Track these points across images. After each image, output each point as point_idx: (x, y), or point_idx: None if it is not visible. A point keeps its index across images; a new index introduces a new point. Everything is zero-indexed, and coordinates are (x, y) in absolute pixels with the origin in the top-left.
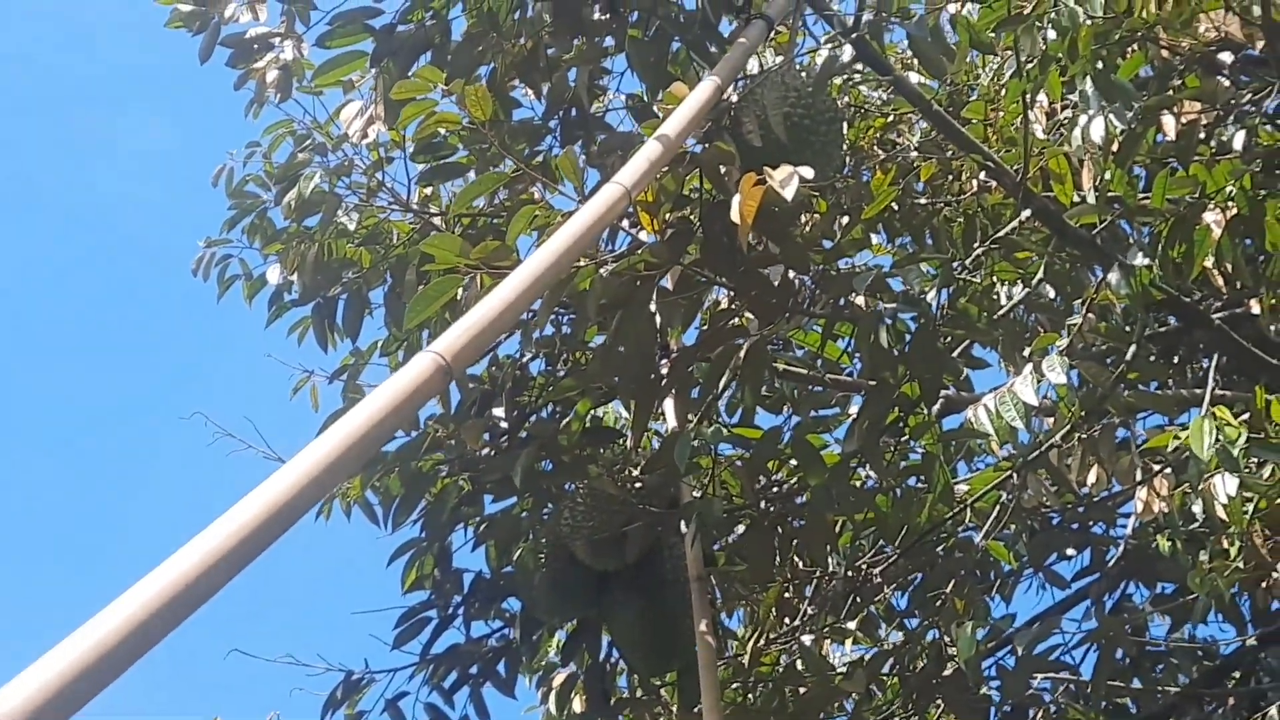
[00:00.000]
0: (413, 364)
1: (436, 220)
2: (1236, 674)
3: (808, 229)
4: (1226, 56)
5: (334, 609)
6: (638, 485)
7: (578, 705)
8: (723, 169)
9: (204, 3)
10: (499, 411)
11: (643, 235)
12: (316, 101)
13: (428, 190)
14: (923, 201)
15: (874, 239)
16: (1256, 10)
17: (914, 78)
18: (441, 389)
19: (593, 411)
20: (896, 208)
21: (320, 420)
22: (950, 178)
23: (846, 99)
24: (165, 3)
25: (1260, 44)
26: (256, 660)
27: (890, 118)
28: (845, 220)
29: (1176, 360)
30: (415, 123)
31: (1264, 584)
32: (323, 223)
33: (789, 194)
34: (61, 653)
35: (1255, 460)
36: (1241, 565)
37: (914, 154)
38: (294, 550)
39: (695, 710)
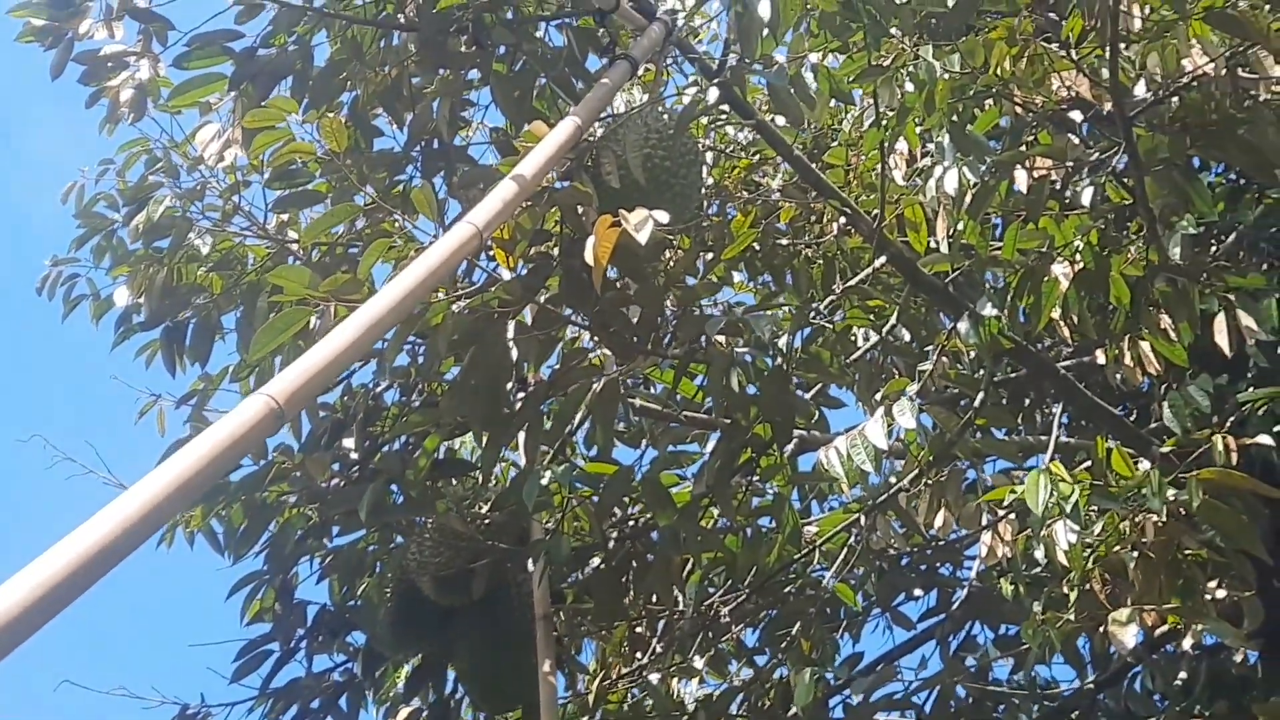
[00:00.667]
0: (245, 405)
1: (293, 246)
2: (1075, 715)
3: (670, 265)
4: (1077, 115)
5: (171, 640)
6: (486, 521)
7: None
8: (580, 210)
9: (59, 19)
10: (349, 442)
11: (501, 272)
12: (174, 121)
13: (285, 216)
14: (784, 242)
15: (736, 276)
16: (1105, 73)
17: (779, 120)
18: (272, 431)
19: (446, 444)
20: (758, 247)
21: (166, 445)
22: (812, 220)
23: (712, 138)
24: (19, 16)
25: (1108, 105)
26: (89, 692)
27: (755, 158)
28: (709, 257)
29: (1026, 406)
30: (267, 151)
31: (1101, 629)
32: (172, 247)
33: (643, 238)
34: None
35: (1094, 509)
36: (1074, 617)
37: (777, 195)
38: (130, 579)
39: None
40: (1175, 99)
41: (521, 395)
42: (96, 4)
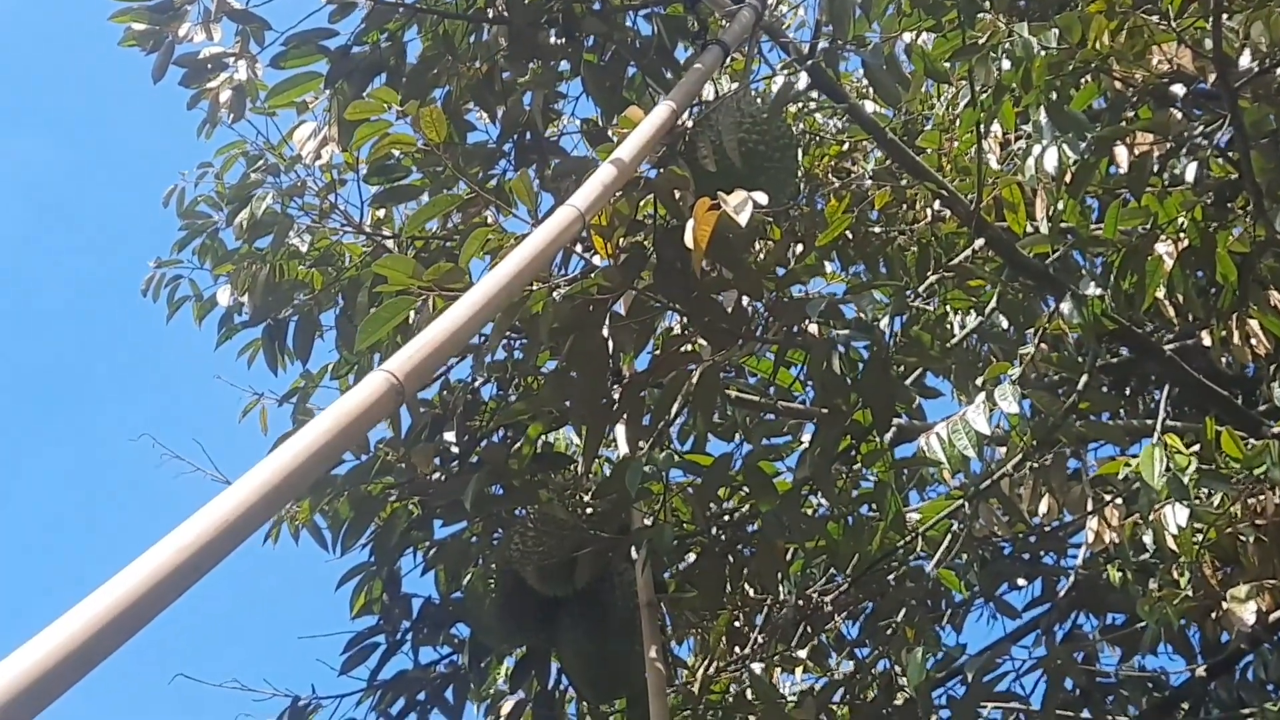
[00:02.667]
0: (365, 383)
1: (389, 243)
2: (1185, 705)
3: (761, 256)
4: (1179, 89)
5: (281, 634)
6: (588, 511)
7: None
8: (677, 194)
9: (158, 22)
10: (450, 436)
11: (595, 259)
12: (269, 122)
13: (380, 213)
14: (877, 230)
15: (828, 266)
16: (1208, 44)
17: (869, 106)
18: (393, 409)
19: (544, 436)
20: (850, 235)
21: (269, 443)
22: (904, 206)
23: (802, 126)
24: (120, 21)
25: (1212, 77)
26: (202, 685)
27: (845, 145)
28: (799, 247)
29: (1128, 391)
30: (369, 144)
31: (1213, 615)
32: (274, 244)
33: (743, 220)
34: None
35: (1205, 491)
36: (1191, 595)
37: (868, 182)
38: (241, 574)
39: None
40: None
41: (617, 385)
42: (195, 7)
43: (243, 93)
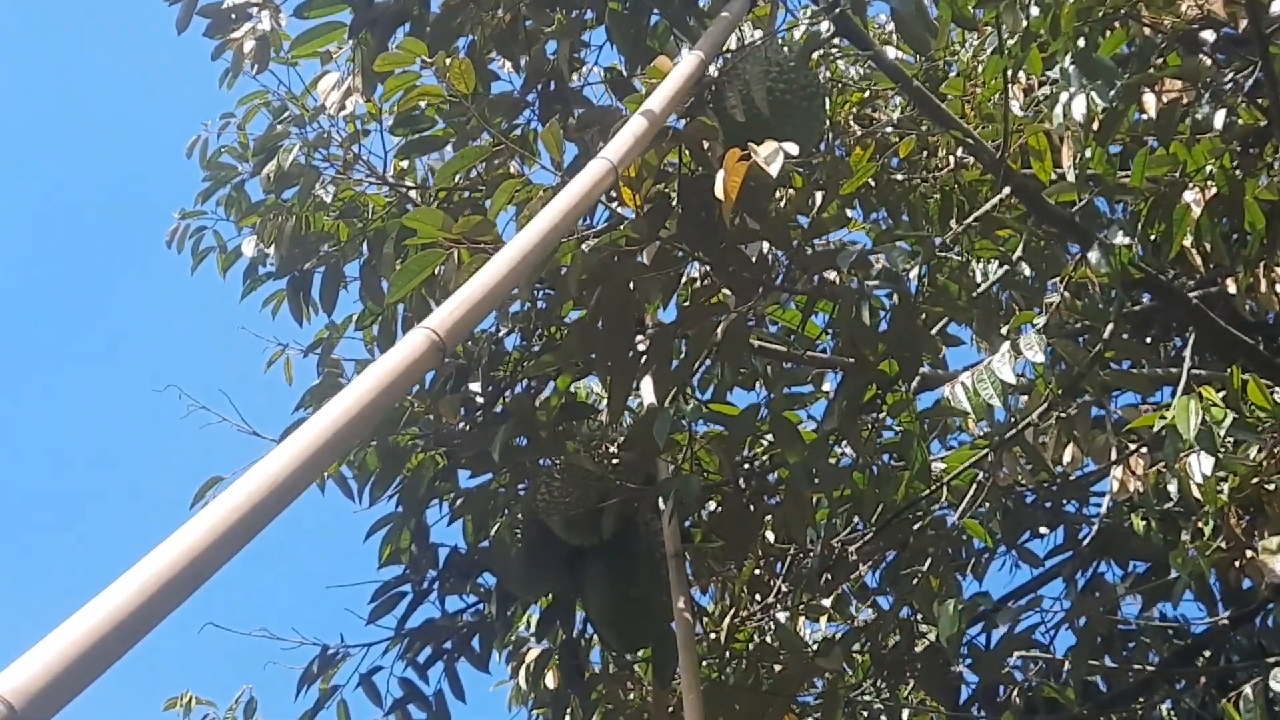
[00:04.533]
0: (406, 341)
1: (413, 194)
2: (1207, 653)
3: (783, 205)
4: (1208, 35)
5: (309, 583)
6: (614, 461)
7: (550, 681)
8: (705, 144)
9: None
10: (475, 386)
11: (622, 210)
12: (292, 73)
13: (403, 164)
14: (899, 178)
15: (850, 215)
16: None
17: (892, 53)
18: (436, 365)
19: (569, 387)
20: (873, 183)
21: (295, 394)
22: (927, 154)
23: (825, 73)
24: None
25: (1242, 22)
26: (231, 634)
27: (867, 93)
28: (821, 196)
29: (1151, 339)
30: (396, 96)
31: (1236, 564)
32: (300, 195)
33: (774, 170)
34: (71, 629)
35: (1230, 440)
36: (1224, 546)
37: (891, 130)
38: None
39: (669, 686)
40: None
41: (644, 336)
42: None
43: (266, 43)
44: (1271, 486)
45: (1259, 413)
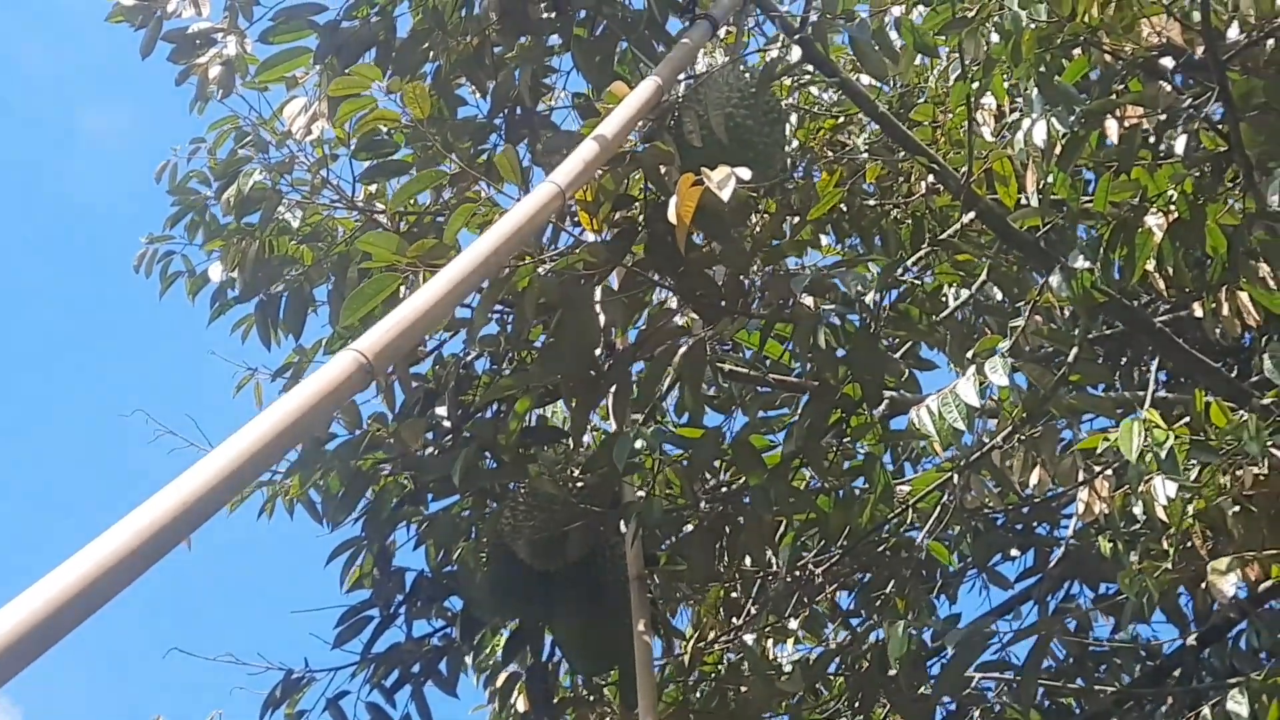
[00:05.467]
0: (334, 362)
1: (381, 218)
2: (1177, 673)
3: (757, 230)
4: (1168, 62)
5: (275, 608)
6: (579, 485)
7: (521, 705)
8: (663, 169)
9: None
10: (442, 410)
11: (587, 235)
12: (262, 98)
13: (373, 188)
14: (871, 203)
15: (824, 240)
16: (1196, 16)
17: (864, 80)
18: (362, 387)
19: (536, 411)
20: (845, 209)
21: None
22: (899, 179)
23: (795, 99)
24: None
25: (1200, 49)
26: (197, 659)
27: (840, 119)
28: (795, 221)
29: (1122, 363)
30: (353, 120)
31: (1204, 585)
32: (264, 219)
33: (726, 195)
34: None
35: (1194, 463)
36: (1170, 566)
37: (863, 155)
38: (234, 549)
39: (636, 710)
40: (1270, 41)
41: (609, 359)
42: None
43: (231, 68)
44: (1235, 509)
45: (1223, 436)
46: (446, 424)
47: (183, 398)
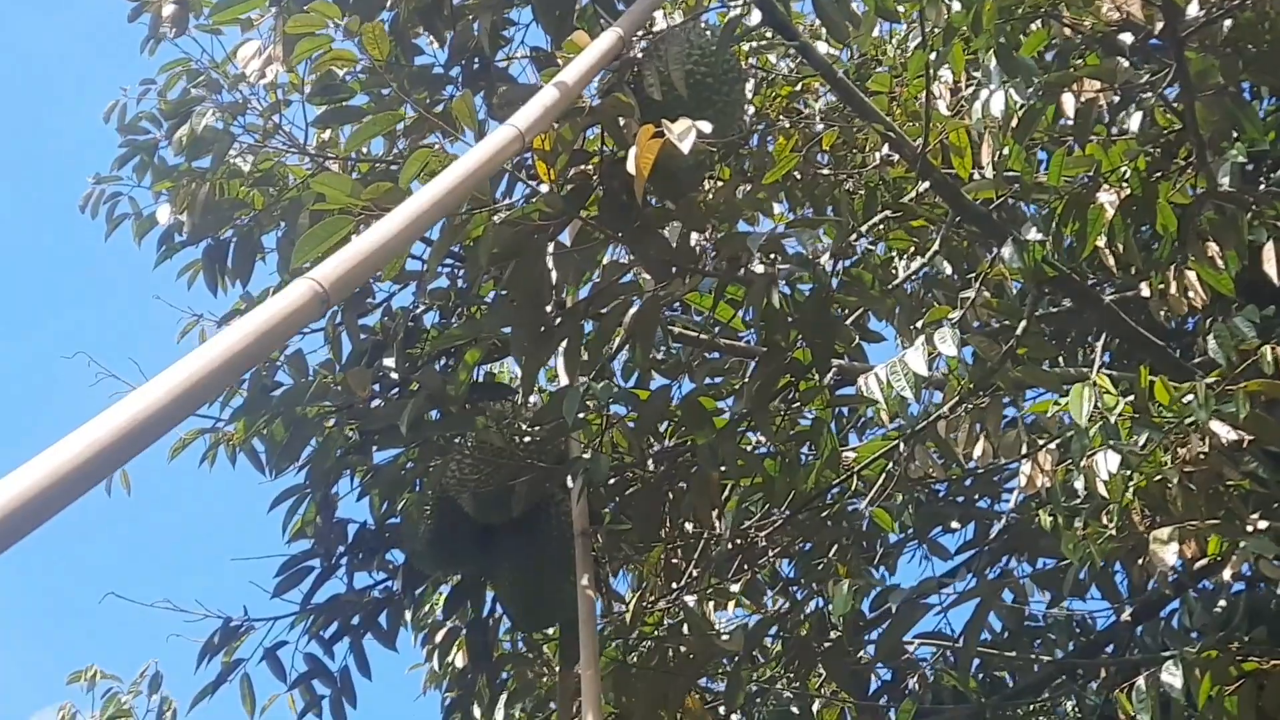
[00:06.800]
0: (289, 289)
1: (333, 165)
2: (1111, 647)
3: (710, 196)
4: (1127, 37)
5: (214, 556)
6: (526, 439)
7: (460, 660)
8: (622, 122)
9: None
10: (390, 362)
11: (542, 187)
12: (215, 40)
13: (326, 135)
14: (826, 171)
15: (777, 208)
16: None
17: (822, 47)
18: (317, 315)
19: (485, 366)
20: (799, 176)
21: None
22: (854, 149)
23: (754, 64)
24: None
25: (1159, 26)
26: (133, 605)
27: (798, 85)
28: (749, 187)
29: (1069, 340)
30: (308, 59)
31: (1140, 560)
32: (215, 162)
33: (686, 147)
34: None
35: (1136, 438)
36: (1115, 536)
37: (819, 123)
38: (175, 496)
39: (575, 667)
40: (1228, 20)
41: (560, 315)
42: None
43: (185, 7)
44: (1175, 485)
45: (1165, 413)
46: (394, 376)
47: (126, 342)
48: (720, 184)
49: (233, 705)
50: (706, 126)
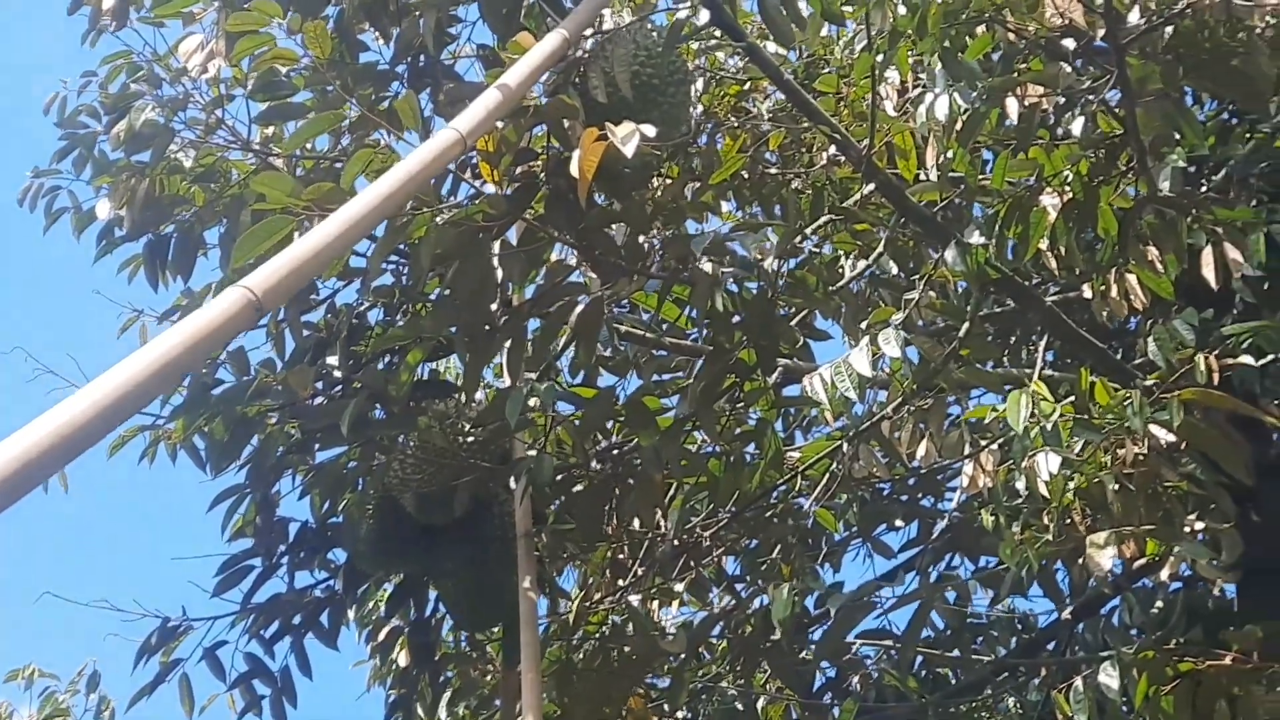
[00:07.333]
0: (222, 297)
1: (277, 161)
2: (1051, 646)
3: (659, 194)
4: (1070, 43)
5: (153, 555)
6: (469, 440)
7: (403, 659)
8: (567, 124)
9: None
10: (333, 360)
11: (487, 188)
12: (158, 34)
13: (269, 130)
14: (773, 171)
15: (724, 206)
16: None
17: (770, 47)
18: (251, 324)
19: (430, 364)
20: (747, 175)
21: None
22: (801, 149)
23: (703, 63)
24: None
25: (1101, 31)
26: (70, 605)
27: (746, 85)
28: (697, 185)
29: (1011, 341)
30: (249, 57)
31: (1080, 560)
32: (155, 157)
33: (630, 151)
34: None
35: (1078, 440)
36: (1052, 539)
37: (767, 123)
38: (113, 493)
39: (518, 667)
40: (1169, 27)
41: (505, 314)
42: None
43: (126, 1)
44: (1115, 486)
45: (1105, 414)
46: (337, 374)
47: (64, 337)
48: (669, 182)
49: (172, 705)
50: (651, 130)
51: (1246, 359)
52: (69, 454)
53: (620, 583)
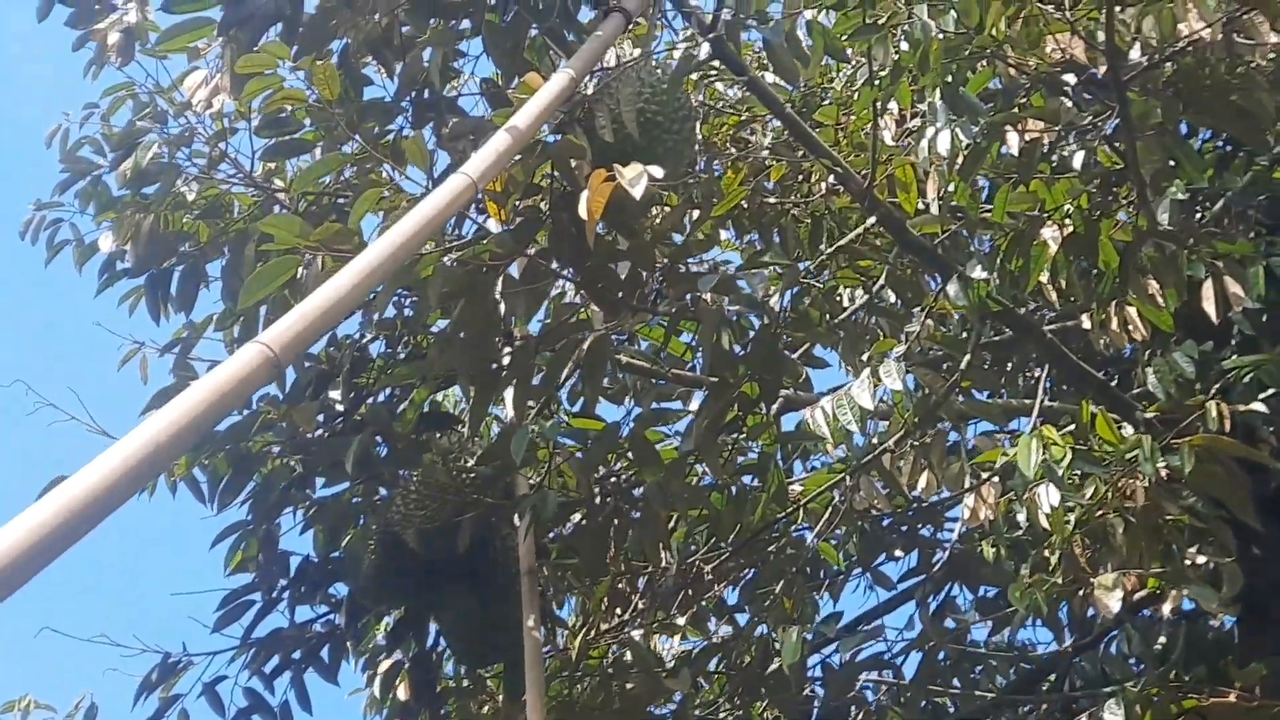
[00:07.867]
0: (240, 354)
1: (280, 195)
2: (1051, 678)
3: (658, 222)
4: (1070, 78)
5: (153, 589)
6: (472, 475)
7: (402, 693)
8: (574, 162)
9: None
10: (335, 394)
11: (491, 224)
12: (160, 65)
13: (272, 165)
14: (772, 201)
15: (723, 235)
16: (1100, 35)
17: (769, 78)
18: (268, 380)
19: (432, 397)
20: (746, 206)
21: (149, 393)
22: (800, 179)
23: (702, 95)
24: None
25: (1102, 68)
26: (70, 639)
27: (745, 116)
28: (696, 214)
29: (1009, 369)
30: (259, 97)
31: (1081, 592)
32: (160, 193)
33: (637, 193)
34: None
35: (1078, 473)
36: (1060, 578)
37: (766, 153)
38: (113, 526)
39: (520, 702)
40: (1169, 63)
41: (509, 350)
42: None
43: (132, 36)
44: (1116, 519)
45: (1105, 447)
46: (339, 407)
47: (65, 370)
48: (668, 210)
49: None
50: (659, 171)
51: (1258, 405)
52: (99, 515)
53: (620, 613)
